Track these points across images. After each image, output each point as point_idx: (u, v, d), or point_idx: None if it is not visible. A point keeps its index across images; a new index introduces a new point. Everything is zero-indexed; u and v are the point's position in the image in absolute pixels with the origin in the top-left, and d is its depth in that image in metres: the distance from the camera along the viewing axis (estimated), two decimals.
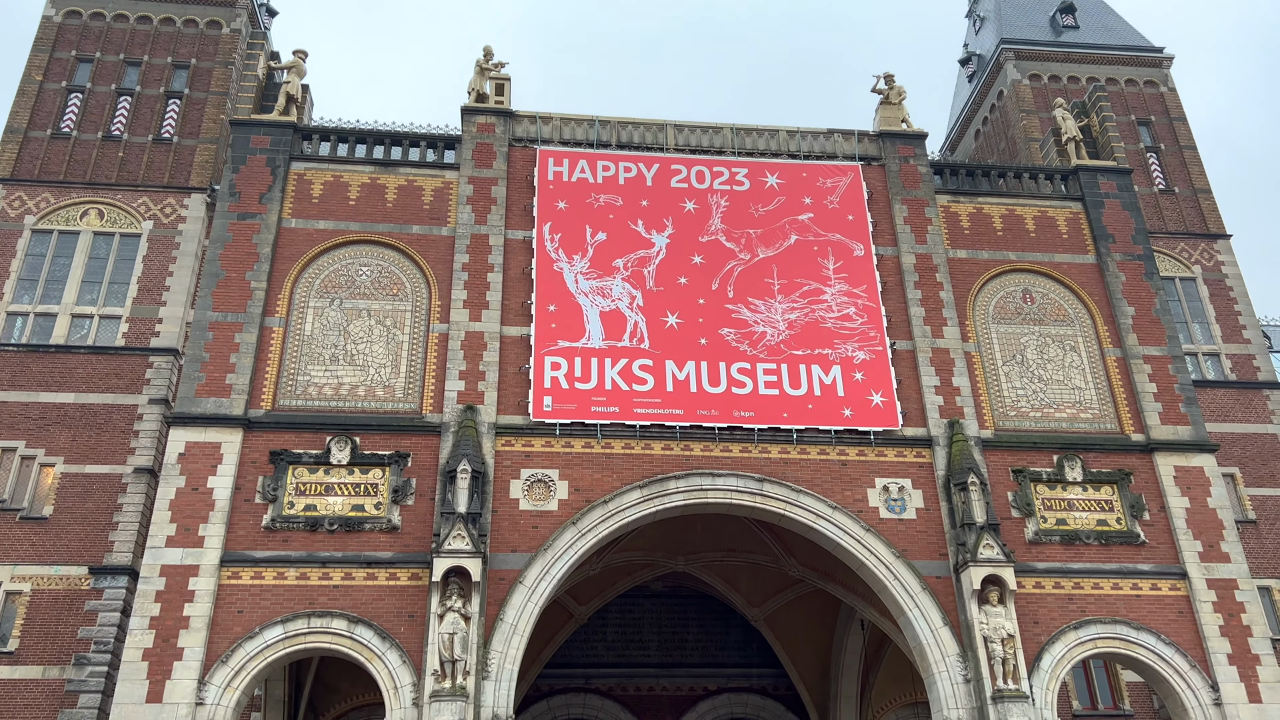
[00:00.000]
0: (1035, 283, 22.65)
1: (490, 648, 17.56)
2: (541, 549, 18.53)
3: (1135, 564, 19.63)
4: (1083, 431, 20.98)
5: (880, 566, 19.28)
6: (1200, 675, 18.76)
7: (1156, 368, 21.71)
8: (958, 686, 18.37)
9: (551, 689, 27.31)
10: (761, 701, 28.19)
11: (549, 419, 19.71)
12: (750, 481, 19.69)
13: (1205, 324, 31.03)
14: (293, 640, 17.44)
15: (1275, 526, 27.93)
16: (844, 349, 21.14)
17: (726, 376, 20.58)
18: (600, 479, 19.39)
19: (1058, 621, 18.97)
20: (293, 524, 18.20)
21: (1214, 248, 32.38)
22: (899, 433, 20.46)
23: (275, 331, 20.01)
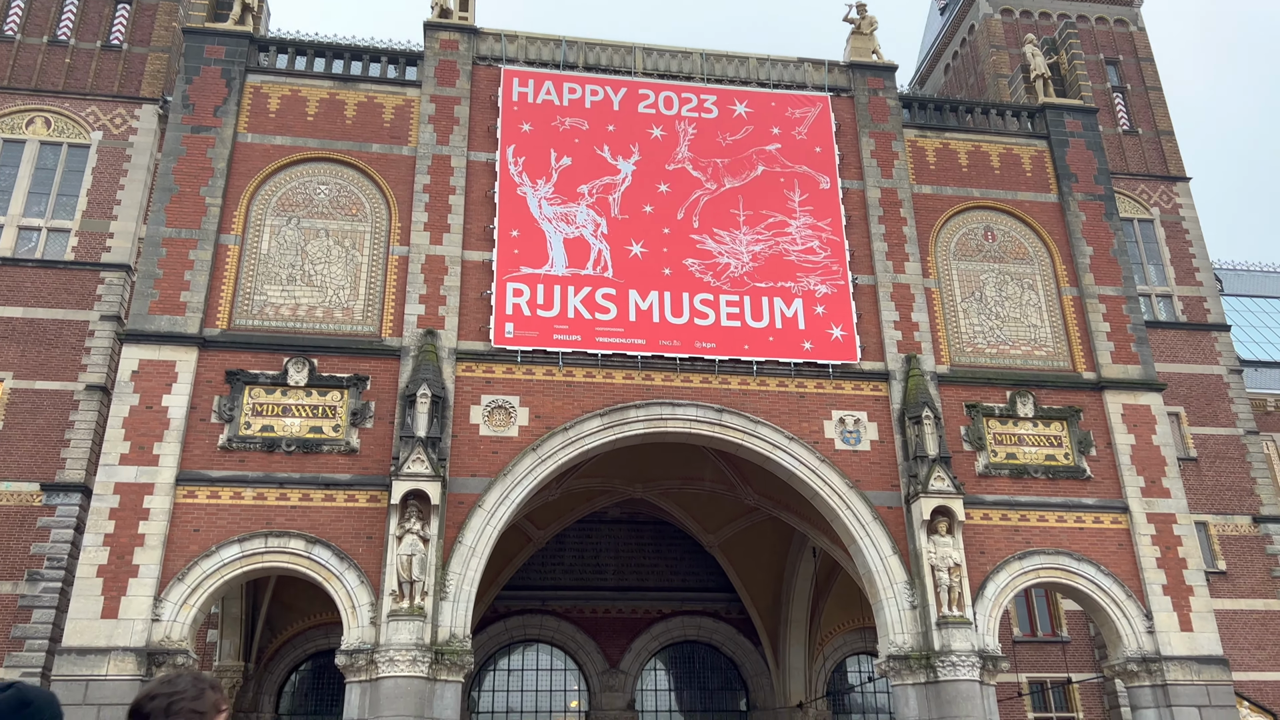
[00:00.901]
0: (997, 220, 22.78)
1: (448, 569, 17.74)
2: (501, 474, 18.63)
3: (1080, 498, 20.21)
4: (1036, 369, 21.36)
5: (834, 496, 19.66)
6: (1136, 605, 19.50)
7: (1111, 308, 22.07)
8: (904, 612, 18.94)
9: (509, 610, 27.75)
10: (714, 625, 28.90)
11: (510, 346, 19.64)
12: (710, 412, 19.85)
13: (1160, 266, 31.52)
14: (250, 559, 17.48)
15: (1215, 465, 28.84)
16: (806, 282, 21.20)
17: (689, 307, 20.59)
18: (561, 406, 19.43)
19: (1003, 552, 19.53)
20: (249, 444, 18.08)
21: (1173, 190, 32.72)
22: (857, 366, 20.69)
23: (231, 249, 19.60)
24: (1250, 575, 27.77)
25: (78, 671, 16.18)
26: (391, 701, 16.34)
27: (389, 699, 16.36)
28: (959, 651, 18.08)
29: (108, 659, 16.26)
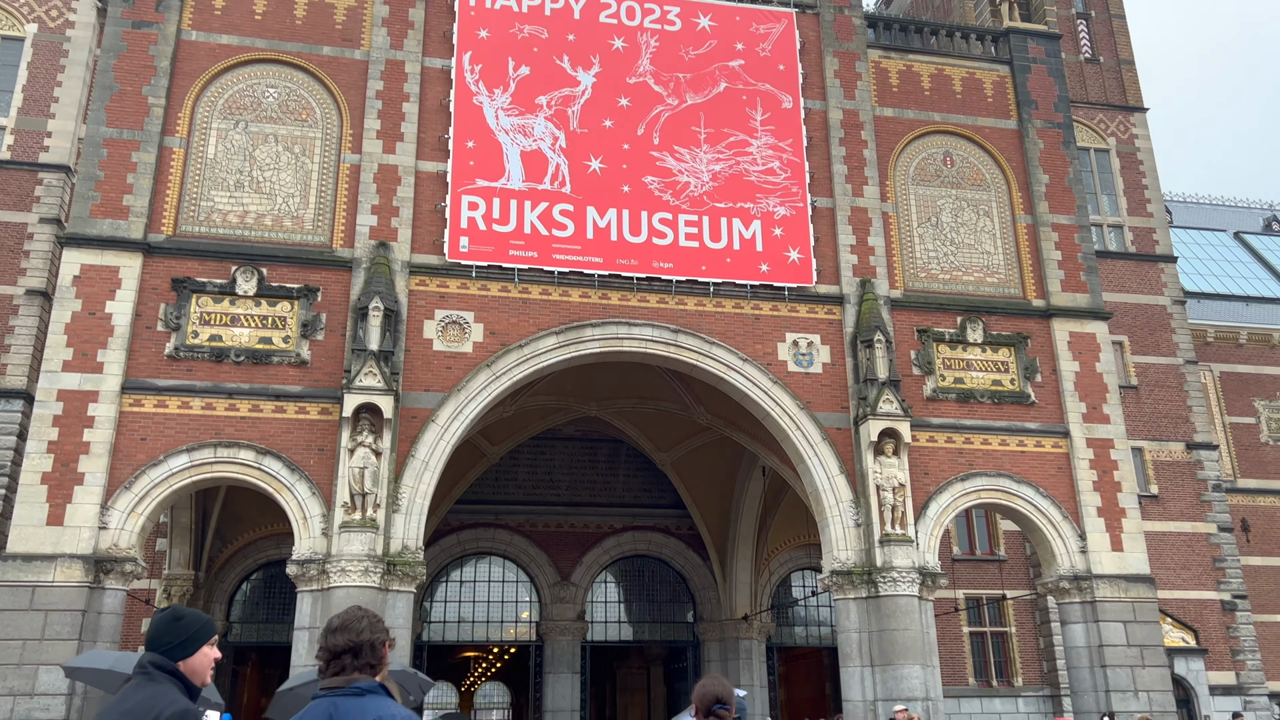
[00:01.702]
0: (957, 145, 22.75)
1: (401, 483, 17.79)
2: (455, 389, 18.58)
3: (1023, 422, 20.71)
4: (987, 295, 21.63)
5: (785, 417, 19.93)
6: (1071, 525, 20.21)
7: (1063, 236, 22.32)
8: (849, 530, 19.44)
9: (462, 524, 28.00)
10: (664, 540, 29.46)
11: (465, 260, 19.40)
12: (665, 332, 19.89)
13: (1113, 196, 31.86)
14: (198, 469, 17.36)
15: (1154, 392, 29.68)
16: (766, 204, 21.11)
17: (648, 226, 20.43)
18: (516, 323, 19.33)
19: (946, 473, 20.04)
20: (197, 354, 17.80)
21: (1130, 120, 32.89)
22: (812, 289, 20.78)
23: (175, 153, 18.96)
24: (1180, 499, 28.87)
25: (23, 577, 16.09)
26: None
27: (341, 608, 16.43)
28: (900, 568, 18.65)
29: (54, 565, 16.18)
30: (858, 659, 18.75)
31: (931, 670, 18.56)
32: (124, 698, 3.59)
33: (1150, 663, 19.54)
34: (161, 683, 3.59)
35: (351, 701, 3.42)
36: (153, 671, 3.60)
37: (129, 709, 3.49)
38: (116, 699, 3.64)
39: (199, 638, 3.76)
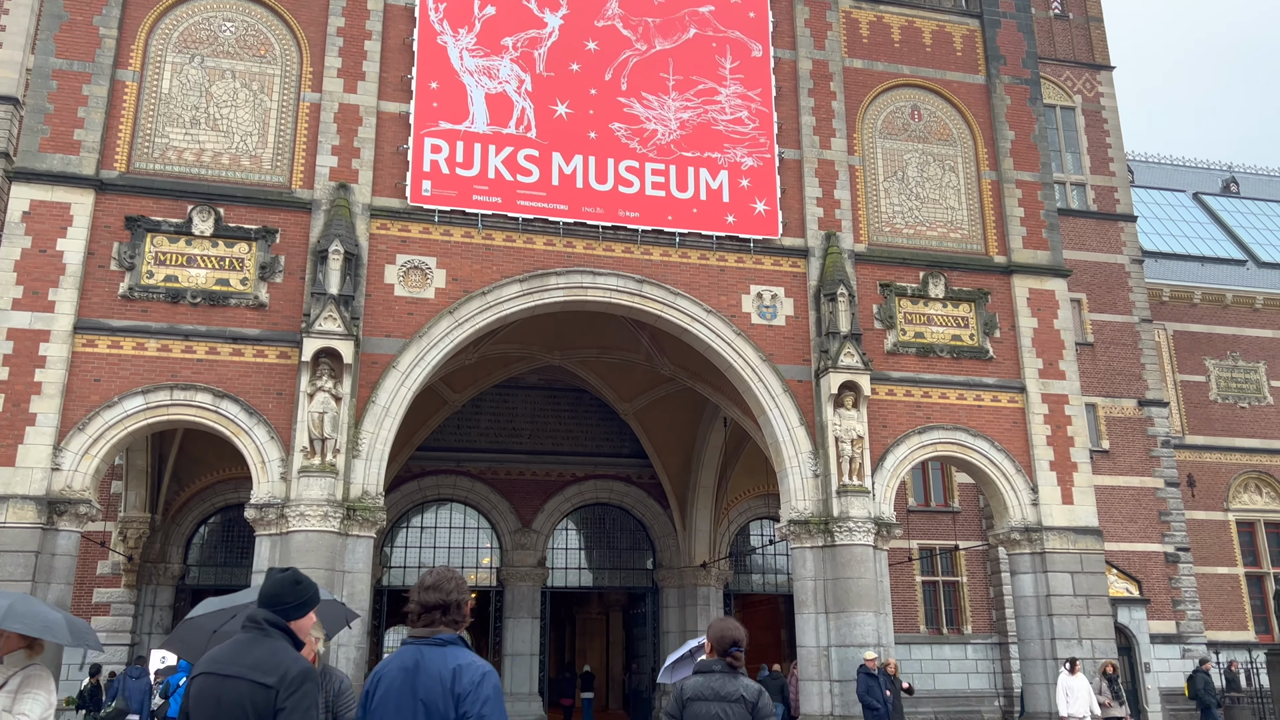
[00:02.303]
0: (925, 99, 22.70)
1: (361, 428, 17.70)
2: (416, 335, 18.44)
3: (981, 377, 21.01)
4: (950, 251, 21.77)
5: (747, 369, 20.04)
6: (1024, 479, 20.64)
7: (1026, 193, 22.46)
8: (807, 481, 19.70)
9: (423, 470, 27.98)
10: (625, 488, 29.68)
11: (427, 204, 19.12)
12: (630, 282, 19.82)
13: (1077, 154, 32.07)
14: (154, 411, 17.13)
15: (1109, 350, 30.21)
16: (733, 154, 20.98)
17: (614, 174, 20.24)
18: (479, 270, 19.16)
19: (904, 426, 20.33)
20: (152, 294, 17.46)
21: (1096, 79, 33.00)
22: (778, 242, 20.78)
23: (129, 86, 18.40)
24: (1130, 454, 29.57)
25: None
26: (302, 554, 16.49)
27: (300, 552, 16.51)
28: (856, 518, 18.97)
29: (6, 506, 15.95)
30: (813, 606, 19.12)
31: (884, 617, 18.99)
32: (242, 649, 3.76)
33: (1095, 612, 20.14)
34: (276, 639, 3.80)
35: (435, 650, 3.75)
36: (267, 628, 3.80)
37: (252, 662, 3.70)
38: (230, 649, 3.80)
39: (312, 602, 4.02)
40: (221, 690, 3.66)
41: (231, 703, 3.61)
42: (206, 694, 3.72)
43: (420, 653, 3.77)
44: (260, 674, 3.64)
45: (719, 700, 4.73)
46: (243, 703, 3.60)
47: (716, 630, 5.01)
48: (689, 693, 4.87)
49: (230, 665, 3.72)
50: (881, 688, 15.22)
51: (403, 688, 3.71)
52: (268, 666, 3.66)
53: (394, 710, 3.69)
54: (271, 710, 3.58)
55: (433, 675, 3.68)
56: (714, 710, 4.71)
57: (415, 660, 3.74)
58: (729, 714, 4.70)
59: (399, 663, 3.79)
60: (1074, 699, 16.45)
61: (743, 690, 4.74)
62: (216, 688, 3.70)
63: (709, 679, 4.84)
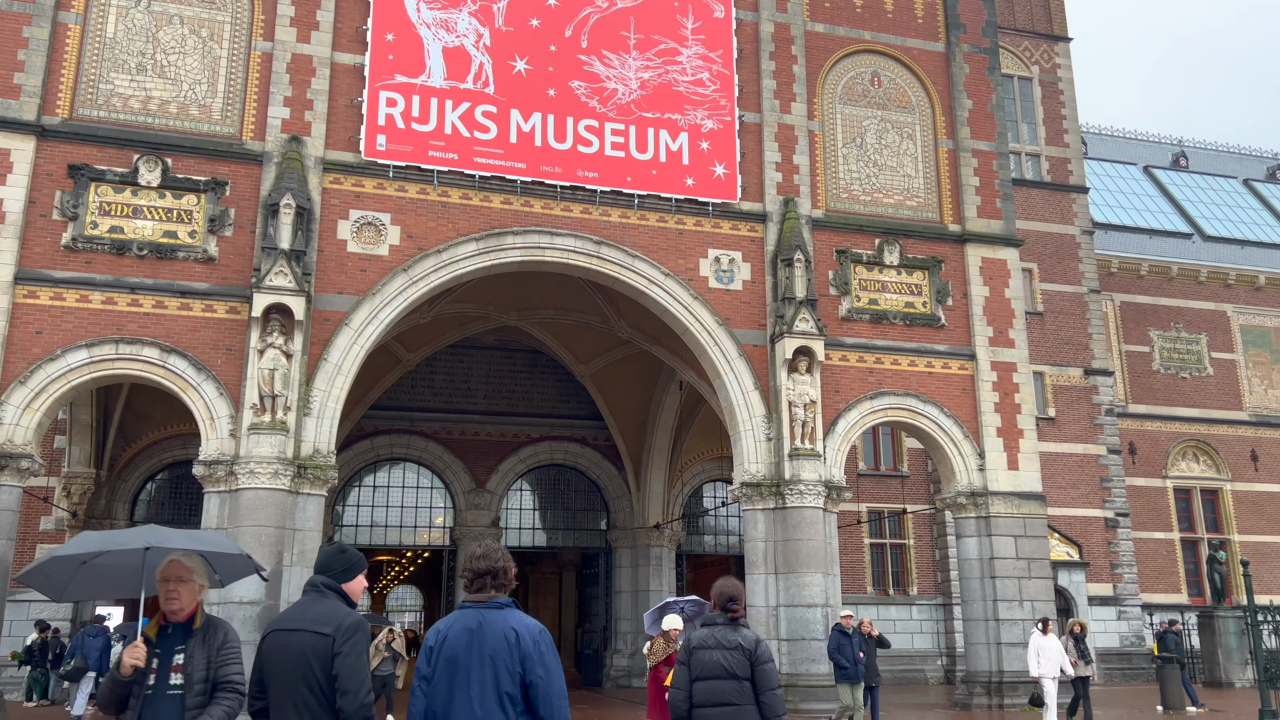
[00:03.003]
0: (885, 66, 22.73)
1: (313, 386, 17.50)
2: (370, 293, 18.21)
3: (933, 344, 21.30)
4: (906, 218, 21.94)
5: (704, 333, 20.11)
6: (971, 444, 21.03)
7: (982, 163, 22.65)
8: (760, 444, 19.90)
9: (376, 429, 27.79)
10: (581, 450, 29.76)
11: (382, 159, 18.80)
12: (588, 243, 19.72)
13: (1033, 125, 32.37)
14: (99, 365, 16.77)
15: (1058, 319, 30.76)
16: (693, 116, 20.86)
17: (573, 133, 20.04)
18: (435, 227, 18.93)
19: (856, 391, 20.58)
20: (96, 245, 17.01)
21: (1054, 50, 33.25)
22: (736, 206, 20.78)
23: (71, 29, 17.77)
24: (1075, 422, 30.25)
25: None
26: (252, 512, 16.35)
27: (249, 509, 16.36)
28: (807, 481, 19.23)
29: None
30: (763, 566, 19.41)
31: (832, 578, 19.34)
32: (305, 608, 4.53)
33: (1036, 574, 20.69)
34: (331, 599, 4.55)
35: (495, 613, 4.29)
36: (324, 590, 4.56)
37: (315, 616, 4.44)
38: (295, 609, 4.60)
39: (357, 567, 4.72)
40: (288, 641, 4.42)
41: (296, 650, 4.37)
42: (276, 646, 4.47)
43: (482, 615, 4.27)
44: (319, 626, 4.38)
45: (721, 648, 5.46)
46: (305, 649, 4.35)
47: (718, 588, 5.73)
48: (695, 642, 5.59)
49: (295, 621, 4.48)
50: (854, 647, 14.84)
51: (469, 645, 4.22)
52: (325, 620, 4.39)
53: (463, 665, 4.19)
54: (330, 654, 4.32)
55: (497, 635, 4.20)
56: (717, 657, 5.44)
57: (478, 621, 4.25)
58: (730, 660, 5.42)
59: (463, 623, 4.29)
60: (1045, 659, 16.21)
61: (741, 639, 5.48)
62: (284, 640, 4.45)
63: (713, 630, 5.57)
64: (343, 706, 4.25)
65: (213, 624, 4.92)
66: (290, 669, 4.34)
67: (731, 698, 5.34)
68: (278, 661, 4.42)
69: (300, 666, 4.33)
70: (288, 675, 4.35)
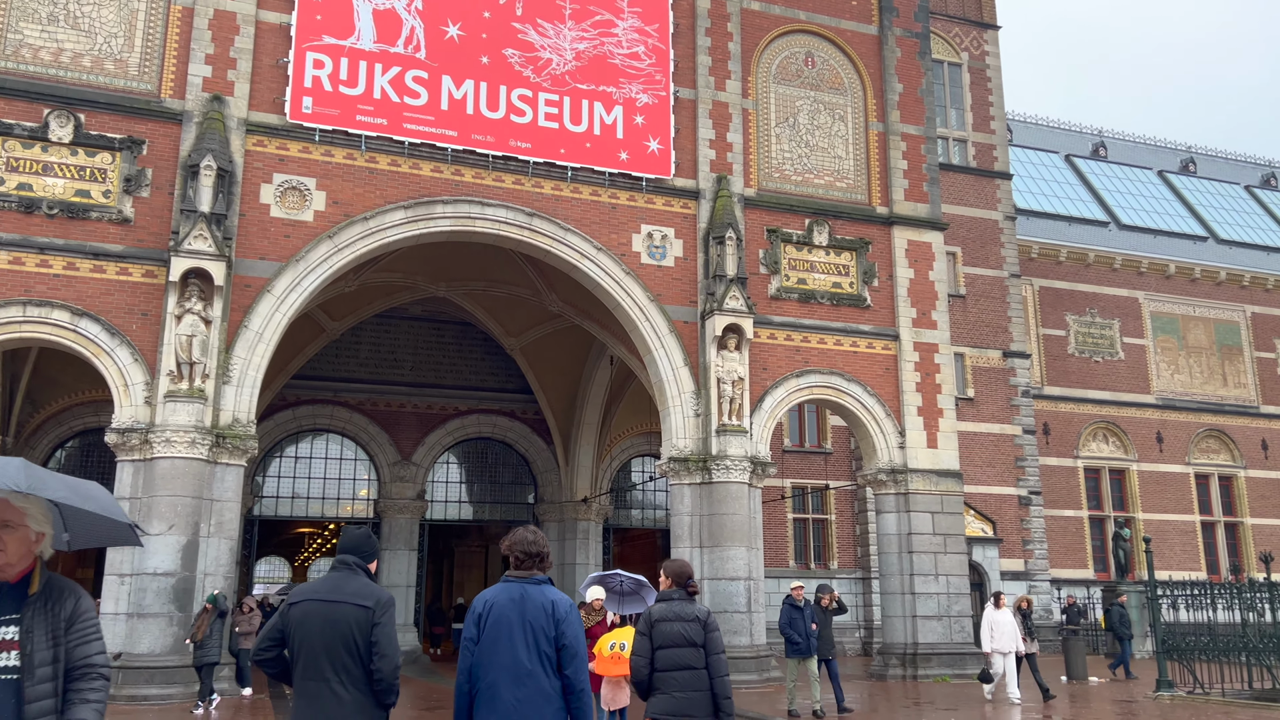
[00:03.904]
0: (819, 47, 22.89)
1: (233, 353, 17.06)
2: (293, 259, 17.79)
3: (858, 324, 21.66)
4: (835, 200, 22.21)
5: (635, 308, 20.13)
6: (893, 422, 21.50)
7: (911, 146, 23.02)
8: (688, 420, 20.06)
9: (299, 399, 27.26)
10: (509, 423, 29.62)
11: (308, 122, 18.32)
12: (520, 215, 19.54)
13: (961, 111, 32.98)
14: (4, 328, 16.09)
15: (979, 302, 31.54)
16: (628, 89, 20.76)
17: (506, 102, 19.78)
18: (362, 194, 18.55)
19: (784, 369, 20.85)
20: (4, 203, 16.27)
21: (984, 37, 33.88)
22: (670, 182, 20.79)
23: None
24: (993, 403, 31.13)
25: None
26: (168, 482, 15.93)
27: (165, 479, 15.93)
28: (733, 457, 19.47)
29: None
30: (688, 540, 19.62)
31: (755, 552, 19.65)
32: (341, 582, 4.96)
33: (951, 550, 21.31)
34: (362, 576, 5.02)
35: (535, 587, 5.09)
36: (356, 569, 5.03)
37: (354, 590, 4.91)
38: (329, 583, 4.99)
39: (376, 551, 5.24)
40: (329, 611, 4.82)
41: (340, 620, 4.79)
42: (315, 614, 4.85)
43: (524, 589, 5.06)
44: (360, 599, 4.85)
45: (681, 620, 6.25)
46: (349, 619, 4.79)
47: (675, 568, 6.54)
48: (656, 615, 6.34)
49: (334, 594, 4.90)
50: (806, 620, 14.09)
51: (513, 613, 5.00)
52: (365, 594, 4.88)
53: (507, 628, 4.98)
54: (370, 624, 4.79)
55: (536, 605, 5.02)
56: (678, 628, 6.23)
57: (521, 594, 5.04)
58: (689, 630, 6.22)
59: (507, 595, 5.06)
60: (999, 634, 15.98)
61: (697, 612, 6.33)
62: (324, 610, 4.84)
63: (672, 605, 6.36)
64: (380, 667, 4.77)
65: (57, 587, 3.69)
66: (331, 635, 4.79)
67: (691, 662, 6.17)
68: (316, 627, 4.82)
69: (342, 633, 4.78)
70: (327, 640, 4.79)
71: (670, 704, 6.16)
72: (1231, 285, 37.68)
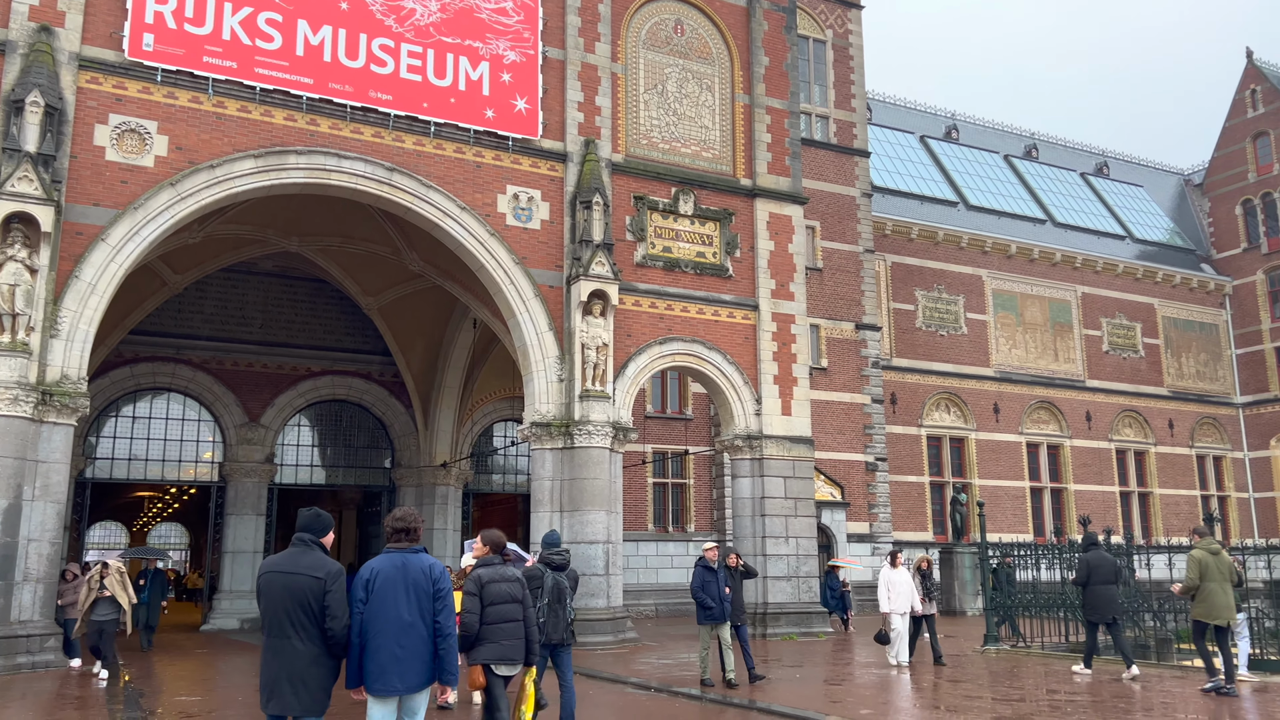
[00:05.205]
0: (689, 15, 22.93)
1: (61, 305, 15.89)
2: (131, 207, 16.66)
3: (720, 294, 22.02)
4: (701, 169, 22.41)
5: (499, 270, 19.83)
6: (750, 390, 22.02)
7: (775, 120, 23.42)
8: (552, 384, 19.98)
9: (137, 356, 25.72)
10: (366, 386, 28.82)
11: (149, 61, 17.12)
12: (380, 169, 18.88)
13: (824, 87, 33.78)
14: None
15: (835, 276, 32.58)
16: (495, 45, 20.28)
17: (366, 51, 19.00)
18: (208, 140, 17.51)
19: (647, 336, 21.01)
20: None
21: (848, 16, 34.72)
22: (537, 143, 20.49)
23: None
24: (845, 373, 32.32)
25: None
26: None
27: None
28: (595, 422, 19.54)
29: None
30: (549, 504, 19.63)
31: (615, 516, 19.84)
32: (298, 557, 6.00)
33: (801, 513, 22.09)
34: (316, 551, 6.07)
35: (413, 555, 6.19)
36: (309, 544, 6.08)
37: (309, 564, 5.96)
38: (288, 557, 6.02)
39: (329, 526, 6.21)
40: (289, 581, 5.89)
41: (297, 588, 5.87)
42: (277, 583, 5.92)
43: (404, 557, 6.14)
44: (314, 571, 5.92)
45: (505, 581, 7.58)
46: (305, 588, 5.87)
47: (491, 538, 7.88)
48: (486, 578, 7.54)
49: (293, 566, 5.95)
50: (720, 583, 13.09)
51: (397, 577, 6.06)
52: (318, 567, 5.95)
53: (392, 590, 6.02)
54: (323, 591, 5.87)
55: (416, 569, 6.11)
56: (504, 588, 7.54)
57: (402, 561, 6.12)
58: (512, 589, 7.55)
59: (390, 563, 6.10)
60: (896, 593, 15.30)
61: (515, 574, 7.70)
62: (285, 580, 5.90)
63: (494, 568, 7.66)
64: (331, 627, 5.89)
65: None
66: (291, 600, 5.86)
67: (515, 615, 7.51)
68: (278, 594, 5.90)
69: (300, 599, 5.86)
70: (288, 604, 5.87)
71: (499, 650, 7.45)
72: (1065, 266, 40.21)
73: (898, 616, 15.53)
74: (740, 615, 13.71)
